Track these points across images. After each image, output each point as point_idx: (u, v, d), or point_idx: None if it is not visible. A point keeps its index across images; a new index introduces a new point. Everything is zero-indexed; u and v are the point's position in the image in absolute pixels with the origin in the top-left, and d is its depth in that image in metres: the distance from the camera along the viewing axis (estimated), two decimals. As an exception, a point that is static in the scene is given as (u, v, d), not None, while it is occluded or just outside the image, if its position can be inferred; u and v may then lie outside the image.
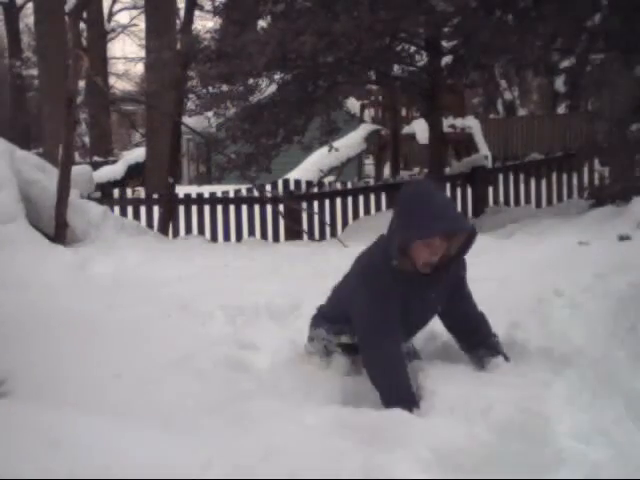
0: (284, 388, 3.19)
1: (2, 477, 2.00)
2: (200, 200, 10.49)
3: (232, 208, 10.38)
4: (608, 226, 6.72)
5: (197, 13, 11.64)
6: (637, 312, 3.55)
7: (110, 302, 4.91)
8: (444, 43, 9.93)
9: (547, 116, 21.47)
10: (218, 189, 10.99)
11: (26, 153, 8.84)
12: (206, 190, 11.11)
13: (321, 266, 5.81)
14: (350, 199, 10.65)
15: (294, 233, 9.80)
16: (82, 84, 19.21)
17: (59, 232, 7.70)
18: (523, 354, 3.39)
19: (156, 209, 10.43)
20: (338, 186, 11.09)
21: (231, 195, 10.54)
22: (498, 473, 2.38)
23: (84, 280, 5.96)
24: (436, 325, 4.28)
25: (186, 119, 11.73)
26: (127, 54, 50.41)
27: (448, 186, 10.65)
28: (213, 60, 9.62)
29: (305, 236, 9.79)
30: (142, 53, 24.04)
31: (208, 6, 11.31)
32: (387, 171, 15.90)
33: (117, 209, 10.25)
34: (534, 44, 8.77)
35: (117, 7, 33.90)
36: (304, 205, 10.37)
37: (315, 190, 10.88)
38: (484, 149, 14.68)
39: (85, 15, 19.48)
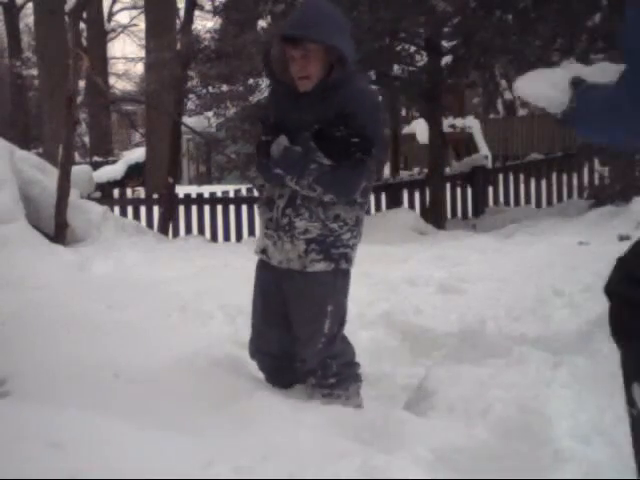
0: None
1: (2, 478, 2.00)
2: (200, 200, 10.49)
3: (232, 208, 10.38)
4: (608, 226, 6.73)
5: (197, 13, 11.65)
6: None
7: (110, 302, 4.91)
8: (444, 43, 9.93)
9: (547, 116, 21.36)
10: (218, 189, 11.00)
11: (26, 153, 8.85)
12: (206, 190, 11.11)
13: (321, 266, 5.80)
14: (350, 199, 10.63)
15: (294, 233, 9.79)
16: (82, 84, 19.19)
17: (59, 232, 7.70)
18: (523, 354, 3.39)
19: (156, 209, 10.43)
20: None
21: (231, 195, 10.54)
22: (498, 473, 2.38)
23: (84, 280, 5.96)
24: (439, 327, 4.29)
25: (186, 119, 11.73)
26: (127, 54, 50.39)
27: (448, 186, 10.66)
28: (213, 60, 9.63)
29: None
30: (142, 53, 24.03)
31: (208, 6, 11.33)
32: (387, 171, 15.91)
33: (117, 209, 10.26)
34: (534, 44, 8.77)
35: (117, 7, 33.87)
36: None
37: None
38: (484, 149, 14.69)
39: (85, 15, 19.46)
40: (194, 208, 10.42)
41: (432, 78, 9.91)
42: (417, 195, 10.65)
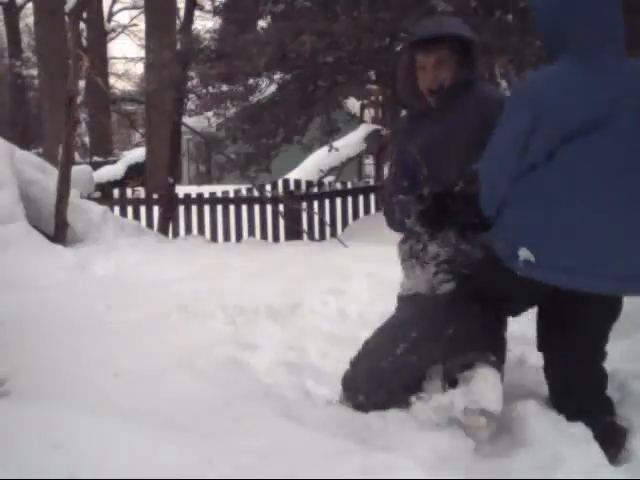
0: (284, 388, 3.19)
1: (2, 478, 2.00)
2: (200, 200, 10.49)
3: (232, 208, 10.38)
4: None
5: (197, 13, 11.63)
6: (637, 312, 3.55)
7: (110, 302, 4.91)
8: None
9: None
10: (218, 189, 10.99)
11: (26, 153, 8.84)
12: (206, 190, 11.10)
13: (321, 266, 5.81)
14: (350, 199, 10.65)
15: (294, 233, 9.80)
16: (82, 84, 19.19)
17: (59, 232, 7.70)
18: (523, 354, 3.39)
19: (156, 209, 10.43)
20: (338, 186, 11.09)
21: (231, 195, 10.54)
22: (498, 473, 2.38)
23: (84, 280, 5.96)
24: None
25: (186, 119, 11.73)
26: (127, 54, 50.50)
27: (448, 186, 10.66)
28: (213, 60, 9.62)
29: (305, 236, 9.79)
30: (142, 53, 24.05)
31: (208, 6, 11.31)
32: (387, 171, 15.88)
33: (117, 209, 10.26)
34: (534, 44, 8.76)
35: (117, 7, 33.90)
36: (304, 205, 10.37)
37: (315, 190, 10.88)
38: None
39: (85, 15, 19.47)
40: (194, 208, 10.42)
41: (432, 78, 9.91)
42: (417, 195, 10.64)
